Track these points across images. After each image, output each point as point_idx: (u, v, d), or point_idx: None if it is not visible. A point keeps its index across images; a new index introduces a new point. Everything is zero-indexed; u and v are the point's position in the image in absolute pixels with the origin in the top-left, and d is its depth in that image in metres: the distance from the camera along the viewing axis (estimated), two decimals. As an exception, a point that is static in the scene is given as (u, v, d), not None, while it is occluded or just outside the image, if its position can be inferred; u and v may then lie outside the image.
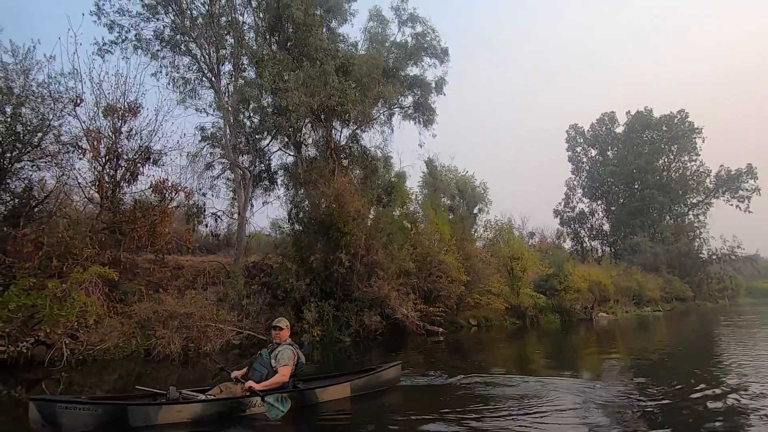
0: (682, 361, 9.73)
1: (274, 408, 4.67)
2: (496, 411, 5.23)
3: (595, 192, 47.41)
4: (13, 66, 9.90)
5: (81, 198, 11.61)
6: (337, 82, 12.27)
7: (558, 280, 22.38)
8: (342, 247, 13.05)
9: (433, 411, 5.14)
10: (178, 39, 14.08)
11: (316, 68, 12.22)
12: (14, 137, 9.89)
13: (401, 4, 19.66)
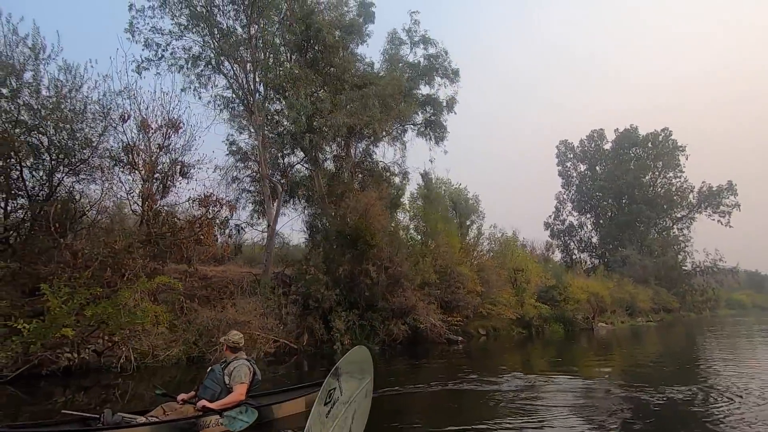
0: (686, 367, 10.62)
1: (237, 420, 4.44)
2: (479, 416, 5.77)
3: (584, 206, 49.18)
4: (66, 85, 10.33)
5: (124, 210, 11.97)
6: (378, 106, 13.03)
7: (558, 291, 23.40)
8: (369, 259, 13.69)
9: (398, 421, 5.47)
10: (211, 57, 14.68)
11: (357, 92, 12.97)
12: (66, 153, 10.30)
13: (413, 26, 20.72)
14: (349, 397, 3.13)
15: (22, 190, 10.30)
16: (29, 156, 9.83)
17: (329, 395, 2.82)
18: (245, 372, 4.70)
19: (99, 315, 8.15)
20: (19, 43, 9.21)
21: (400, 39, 19.35)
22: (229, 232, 16.20)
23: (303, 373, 10.88)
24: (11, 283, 9.09)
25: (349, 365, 3.31)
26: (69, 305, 8.59)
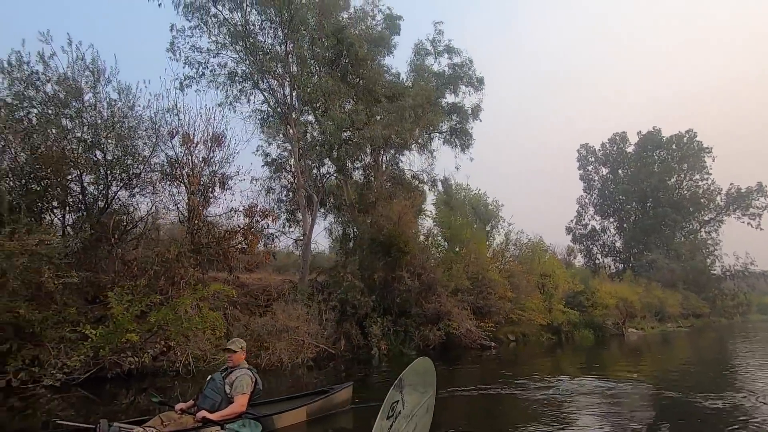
0: (722, 374, 10.54)
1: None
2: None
3: (606, 210, 48.56)
4: (122, 104, 11.01)
5: (171, 221, 12.58)
6: (413, 117, 13.44)
7: (585, 297, 23.26)
8: (402, 265, 14.00)
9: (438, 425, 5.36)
10: (247, 73, 15.33)
11: (393, 104, 13.39)
12: (123, 168, 10.95)
13: (437, 36, 21.10)
14: (411, 411, 2.90)
15: (81, 203, 10.97)
16: (90, 171, 10.48)
17: (392, 408, 2.59)
18: (247, 382, 4.55)
19: (160, 321, 8.63)
20: (85, 69, 9.89)
21: (426, 50, 19.75)
22: (265, 240, 16.75)
23: (341, 377, 11.22)
24: (76, 291, 9.68)
25: (413, 377, 3.11)
26: (130, 311, 9.16)
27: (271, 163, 16.11)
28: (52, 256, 7.99)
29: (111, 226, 10.31)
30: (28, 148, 9.34)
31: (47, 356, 8.22)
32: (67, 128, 9.81)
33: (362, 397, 6.85)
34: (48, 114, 9.56)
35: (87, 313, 9.70)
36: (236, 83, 15.06)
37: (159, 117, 11.60)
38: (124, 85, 11.05)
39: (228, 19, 14.59)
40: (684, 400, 7.02)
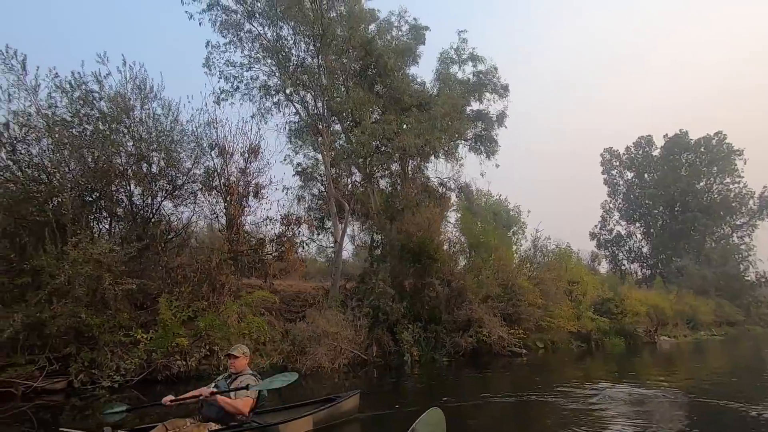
0: (762, 384, 10.32)
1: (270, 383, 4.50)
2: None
3: (632, 214, 47.65)
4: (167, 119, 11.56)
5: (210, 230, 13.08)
6: (448, 125, 13.67)
7: (614, 304, 22.86)
8: (433, 272, 14.15)
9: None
10: (280, 86, 15.85)
11: (425, 113, 13.66)
12: (169, 180, 11.51)
13: (461, 44, 21.30)
14: None
15: (129, 213, 11.54)
16: (138, 183, 11.05)
17: None
18: (251, 385, 4.54)
19: (207, 326, 9.02)
20: (135, 87, 10.49)
21: (451, 58, 19.97)
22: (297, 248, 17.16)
23: (374, 383, 11.42)
24: (126, 298, 10.18)
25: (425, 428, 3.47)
26: (178, 317, 9.60)
27: (301, 172, 16.55)
28: (111, 264, 8.47)
29: (158, 235, 10.82)
30: (83, 162, 9.92)
31: (104, 359, 8.69)
32: (119, 143, 10.38)
33: (370, 406, 6.85)
34: (101, 130, 10.14)
35: (137, 318, 10.19)
36: (269, 96, 15.57)
37: (200, 130, 12.14)
38: (167, 101, 11.62)
39: (261, 35, 15.14)
40: (721, 408, 6.95)
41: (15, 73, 9.73)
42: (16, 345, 7.70)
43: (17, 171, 9.18)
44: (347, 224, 15.24)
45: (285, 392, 9.43)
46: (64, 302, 7.81)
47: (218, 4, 14.68)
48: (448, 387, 10.41)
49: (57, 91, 10.01)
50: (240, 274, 13.22)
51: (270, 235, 12.63)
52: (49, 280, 8.00)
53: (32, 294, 7.83)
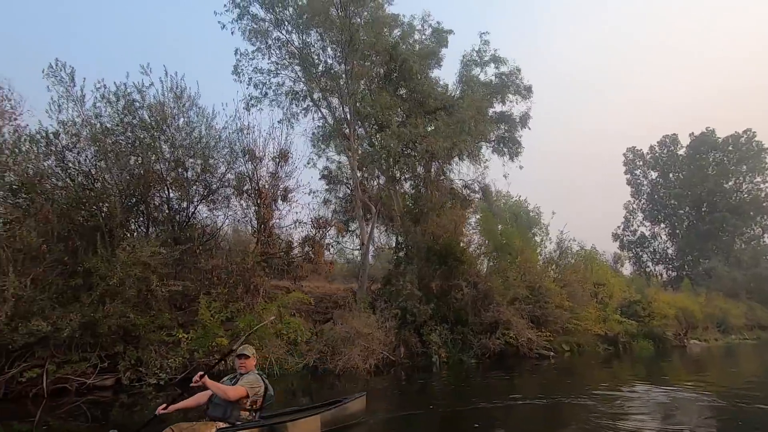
0: None
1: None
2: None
3: (657, 215, 46.62)
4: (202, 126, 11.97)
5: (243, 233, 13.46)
6: (473, 128, 13.78)
7: (641, 306, 22.46)
8: (459, 274, 14.23)
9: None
10: (306, 91, 16.18)
11: (453, 117, 13.80)
12: (205, 185, 11.92)
13: (483, 46, 21.30)
14: None
15: (167, 217, 11.97)
16: (176, 188, 11.48)
17: None
18: (250, 380, 4.57)
19: (247, 326, 9.33)
20: (174, 97, 10.93)
21: (473, 61, 20.00)
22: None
23: (402, 384, 11.57)
24: (165, 299, 10.57)
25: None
26: (216, 318, 9.94)
27: (327, 176, 16.84)
28: (157, 266, 8.86)
29: (196, 238, 11.22)
30: (126, 169, 10.38)
31: (149, 357, 9.07)
32: (159, 149, 10.81)
33: (377, 408, 6.89)
34: (143, 138, 10.59)
35: (176, 318, 10.59)
36: (297, 101, 15.92)
37: (233, 136, 12.52)
38: (202, 108, 12.03)
39: (289, 41, 15.51)
40: (758, 412, 6.85)
41: (64, 85, 10.27)
42: (71, 343, 8.12)
43: (67, 178, 9.67)
44: (374, 227, 15.43)
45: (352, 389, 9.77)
46: (115, 303, 8.19)
47: (248, 14, 15.09)
48: (476, 388, 10.49)
49: (102, 101, 10.50)
50: (271, 276, 13.58)
51: (300, 238, 12.89)
52: (100, 282, 8.41)
53: (85, 295, 8.24)
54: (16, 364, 7.69)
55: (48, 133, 9.82)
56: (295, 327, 9.88)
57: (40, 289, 7.81)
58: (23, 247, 7.75)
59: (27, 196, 8.52)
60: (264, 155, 13.59)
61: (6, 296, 7.11)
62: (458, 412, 7.50)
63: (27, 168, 8.96)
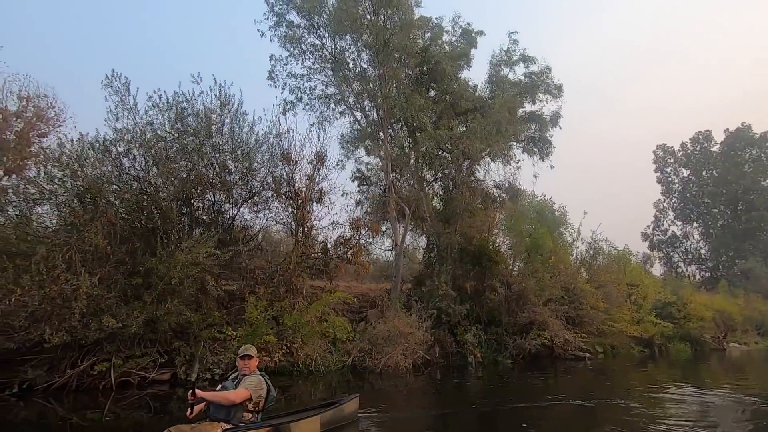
0: None
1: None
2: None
3: (689, 214, 45.32)
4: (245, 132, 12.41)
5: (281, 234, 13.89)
6: (508, 129, 13.84)
7: (676, 308, 21.97)
8: (494, 275, 14.30)
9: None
10: (339, 94, 16.52)
11: (489, 118, 13.90)
12: (248, 189, 12.37)
13: (512, 45, 21.18)
14: None
15: (213, 219, 12.46)
16: (221, 191, 11.96)
17: None
18: (255, 382, 4.51)
19: (294, 324, 9.70)
20: (221, 104, 11.41)
21: (503, 60, 19.95)
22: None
23: (437, 382, 11.74)
24: (214, 298, 11.05)
25: None
26: (264, 316, 10.35)
27: (360, 177, 17.14)
28: (212, 267, 9.31)
29: (240, 240, 11.67)
30: (178, 174, 10.88)
31: (203, 354, 9.52)
32: (206, 154, 11.30)
33: (367, 408, 7.02)
34: (191, 143, 11.09)
35: (224, 317, 11.05)
36: (331, 105, 16.28)
37: (273, 140, 12.93)
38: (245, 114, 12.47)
39: (324, 46, 15.87)
40: None
41: (119, 95, 10.85)
42: (135, 339, 8.64)
43: (125, 183, 10.23)
44: (407, 228, 15.64)
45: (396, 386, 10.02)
46: (174, 302, 8.65)
47: (284, 21, 15.52)
48: (515, 389, 10.57)
49: (154, 109, 11.05)
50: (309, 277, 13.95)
51: (337, 239, 13.18)
52: (158, 282, 8.90)
53: (146, 293, 8.74)
54: (86, 358, 8.23)
55: (105, 141, 10.42)
56: (339, 326, 10.17)
57: (106, 288, 8.33)
58: (91, 249, 8.28)
59: (91, 201, 9.08)
60: (301, 158, 13.99)
61: (79, 294, 7.62)
62: (501, 412, 7.65)
63: (90, 174, 9.54)
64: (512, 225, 18.54)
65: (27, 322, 7.58)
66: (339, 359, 10.95)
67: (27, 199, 9.29)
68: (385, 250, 16.96)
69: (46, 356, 8.10)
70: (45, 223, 9.12)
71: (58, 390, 8.13)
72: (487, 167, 17.18)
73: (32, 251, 7.89)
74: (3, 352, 7.91)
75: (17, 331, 7.69)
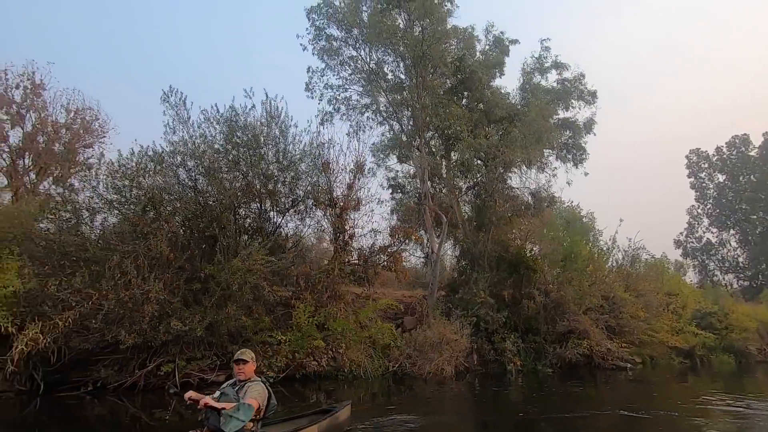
0: None
1: (233, 419, 3.92)
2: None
3: (725, 221, 43.81)
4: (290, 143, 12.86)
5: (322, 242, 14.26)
6: (558, 137, 13.89)
7: (717, 318, 21.31)
8: (533, 283, 14.28)
9: None
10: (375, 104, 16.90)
11: (530, 127, 14.01)
12: (293, 198, 12.81)
13: (543, 52, 21.16)
14: None
15: (260, 227, 12.93)
16: (268, 200, 12.42)
17: None
18: (259, 390, 4.25)
19: (343, 329, 9.98)
20: (273, 117, 11.92)
21: (535, 68, 19.97)
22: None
23: (477, 390, 11.79)
24: (263, 304, 11.45)
25: None
26: (311, 321, 10.67)
27: (395, 185, 17.42)
28: (267, 274, 9.71)
29: (287, 248, 12.07)
30: (228, 185, 11.39)
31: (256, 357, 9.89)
32: (256, 165, 11.78)
33: (358, 415, 7.05)
34: (242, 155, 11.60)
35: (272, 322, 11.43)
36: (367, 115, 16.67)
37: (316, 151, 13.34)
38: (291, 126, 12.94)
39: (361, 58, 16.31)
40: None
41: (176, 109, 11.46)
42: (196, 342, 9.08)
43: (183, 194, 10.78)
44: (444, 236, 15.80)
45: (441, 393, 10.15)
46: (233, 307, 9.07)
47: (324, 34, 16.05)
48: (559, 398, 10.52)
49: (208, 123, 11.62)
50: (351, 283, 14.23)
51: (380, 247, 13.44)
52: (215, 288, 9.33)
53: (205, 298, 9.19)
54: (153, 359, 8.71)
55: (163, 153, 11.02)
56: (387, 332, 10.40)
57: (170, 292, 8.81)
58: (157, 256, 8.78)
59: (154, 210, 9.63)
60: (340, 167, 14.37)
61: (149, 299, 8.10)
62: (549, 420, 7.69)
63: (152, 185, 10.11)
64: (547, 233, 18.46)
65: (102, 325, 8.09)
66: (383, 364, 11.16)
67: (89, 208, 9.92)
68: (418, 258, 17.11)
69: (117, 357, 8.61)
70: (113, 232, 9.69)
71: (128, 389, 8.63)
72: (523, 175, 17.17)
73: (105, 258, 8.42)
74: (78, 353, 8.45)
75: (92, 332, 8.21)
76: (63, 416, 7.81)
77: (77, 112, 21.14)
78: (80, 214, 9.46)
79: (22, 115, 19.63)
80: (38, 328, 7.42)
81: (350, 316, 10.67)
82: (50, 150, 20.08)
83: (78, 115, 21.10)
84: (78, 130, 21.13)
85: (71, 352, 8.42)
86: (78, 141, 21.16)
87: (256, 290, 9.57)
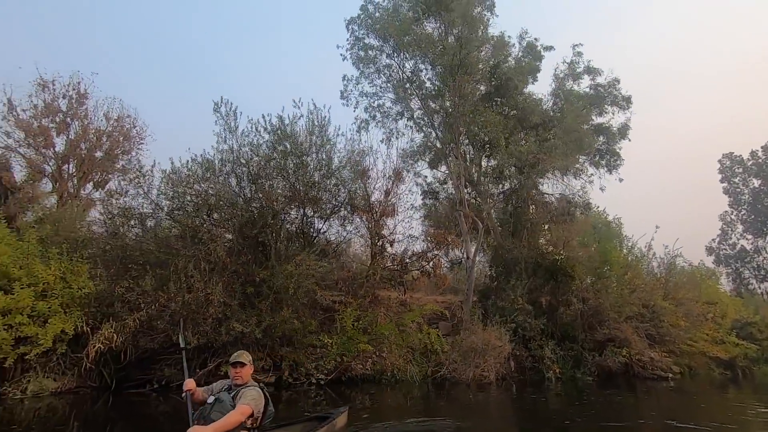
0: None
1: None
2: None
3: (761, 227, 42.39)
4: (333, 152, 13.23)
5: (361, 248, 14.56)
6: (594, 143, 13.89)
7: (758, 328, 20.67)
8: (571, 290, 14.21)
9: None
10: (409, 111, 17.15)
11: (570, 135, 14.04)
12: (334, 203, 13.14)
13: (575, 58, 21.07)
14: None
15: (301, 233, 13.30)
16: (311, 206, 12.79)
17: None
18: (255, 396, 4.06)
19: (389, 334, 10.20)
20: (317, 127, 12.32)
21: (568, 74, 19.92)
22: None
23: (515, 396, 11.78)
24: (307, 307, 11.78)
25: None
26: (357, 325, 10.94)
27: (428, 192, 17.63)
28: (319, 278, 10.02)
29: (330, 253, 12.40)
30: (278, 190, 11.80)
31: (305, 359, 10.22)
32: (302, 173, 12.16)
33: (355, 421, 6.97)
34: (289, 163, 12.00)
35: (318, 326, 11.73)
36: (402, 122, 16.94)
37: (355, 158, 13.66)
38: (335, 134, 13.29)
39: (398, 66, 16.62)
40: None
41: (225, 119, 11.94)
42: (252, 344, 9.44)
43: (235, 200, 11.22)
44: (480, 241, 15.88)
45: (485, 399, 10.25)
46: (289, 310, 9.40)
47: (361, 43, 16.43)
48: (597, 407, 10.42)
49: (256, 132, 12.08)
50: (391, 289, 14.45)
51: (418, 253, 13.64)
52: (269, 291, 9.68)
53: (259, 302, 9.55)
54: (212, 360, 9.10)
55: (214, 161, 11.50)
56: (433, 336, 10.57)
57: (228, 296, 9.20)
58: (216, 260, 9.19)
59: (218, 215, 10.07)
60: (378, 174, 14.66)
61: (212, 302, 8.50)
62: (595, 429, 7.67)
63: (207, 191, 10.57)
64: (582, 239, 18.29)
65: (167, 326, 8.51)
66: (425, 368, 11.31)
67: (153, 214, 10.44)
68: (451, 263, 17.20)
69: (179, 357, 9.00)
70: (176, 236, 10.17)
71: (190, 388, 9.01)
72: (558, 181, 17.12)
73: (169, 262, 8.87)
74: (144, 352, 8.91)
75: (158, 333, 8.64)
76: (131, 413, 8.24)
77: (117, 120, 22.09)
78: (144, 221, 9.95)
79: (67, 123, 20.65)
80: (112, 327, 7.86)
81: (392, 319, 10.86)
82: (92, 156, 21.04)
83: (118, 123, 22.04)
84: (117, 137, 22.07)
85: (137, 351, 8.88)
86: (117, 147, 22.09)
87: (310, 294, 9.86)
